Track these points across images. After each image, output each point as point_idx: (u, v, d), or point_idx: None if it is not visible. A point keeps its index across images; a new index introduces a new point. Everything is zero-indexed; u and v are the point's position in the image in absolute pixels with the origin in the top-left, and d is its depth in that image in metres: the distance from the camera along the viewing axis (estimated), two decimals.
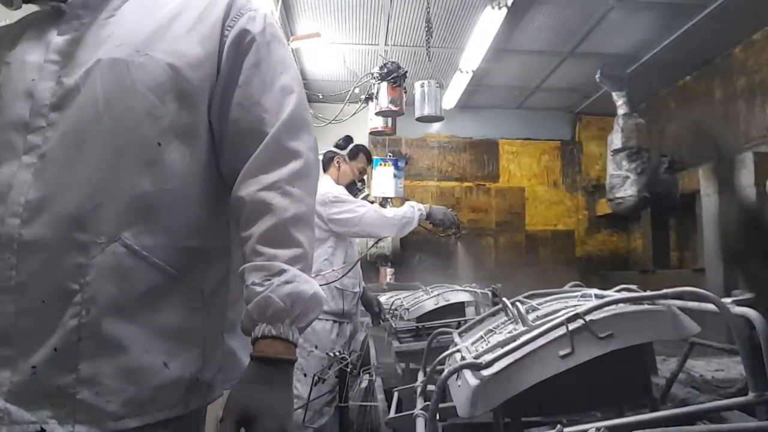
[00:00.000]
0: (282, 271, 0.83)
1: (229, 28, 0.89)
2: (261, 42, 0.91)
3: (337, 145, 3.07)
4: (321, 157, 3.15)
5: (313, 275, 0.88)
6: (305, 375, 2.63)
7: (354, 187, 3.04)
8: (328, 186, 2.92)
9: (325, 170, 3.09)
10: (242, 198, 0.87)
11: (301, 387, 2.61)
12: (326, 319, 2.75)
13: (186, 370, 0.84)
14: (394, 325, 2.53)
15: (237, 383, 0.82)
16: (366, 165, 3.09)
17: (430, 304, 2.53)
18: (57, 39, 0.83)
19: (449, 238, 3.11)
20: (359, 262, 2.96)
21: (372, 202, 4.78)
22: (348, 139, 3.09)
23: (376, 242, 3.06)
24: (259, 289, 0.82)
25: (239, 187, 0.88)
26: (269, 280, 0.82)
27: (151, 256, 0.81)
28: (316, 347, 2.68)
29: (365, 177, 3.16)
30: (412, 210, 2.79)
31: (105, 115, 0.79)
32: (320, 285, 0.83)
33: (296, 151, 0.90)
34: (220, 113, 0.89)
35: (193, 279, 0.86)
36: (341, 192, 2.86)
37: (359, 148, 3.06)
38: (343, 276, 2.74)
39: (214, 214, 0.90)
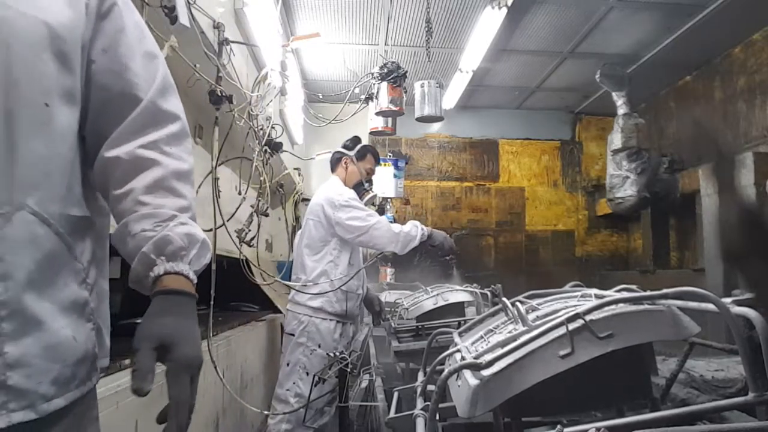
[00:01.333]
0: (173, 216, 0.84)
1: None
2: (122, 7, 0.90)
3: (344, 146, 3.06)
4: (329, 157, 3.15)
5: (317, 276, 0.88)
6: (308, 374, 2.63)
7: (361, 188, 3.03)
8: (337, 187, 2.91)
9: (333, 170, 3.07)
10: (117, 157, 0.85)
11: (303, 386, 2.62)
12: (330, 319, 2.75)
13: (88, 344, 0.82)
14: (393, 325, 2.53)
15: (145, 317, 0.80)
16: (374, 166, 3.08)
17: (429, 304, 2.53)
18: None
19: (444, 262, 3.09)
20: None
21: (377, 204, 4.79)
22: (356, 140, 3.08)
23: (380, 254, 3.06)
24: (151, 233, 0.82)
25: (112, 148, 0.86)
26: (160, 225, 0.83)
27: (57, 226, 0.77)
28: (319, 346, 2.68)
29: (373, 178, 3.15)
30: (416, 229, 2.78)
31: None
32: (327, 290, 0.83)
33: (173, 114, 0.92)
34: (87, 78, 0.85)
35: (77, 250, 0.82)
36: (352, 196, 2.84)
37: (367, 149, 3.05)
38: (349, 279, 2.74)
39: (84, 181, 0.87)
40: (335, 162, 3.06)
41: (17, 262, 0.71)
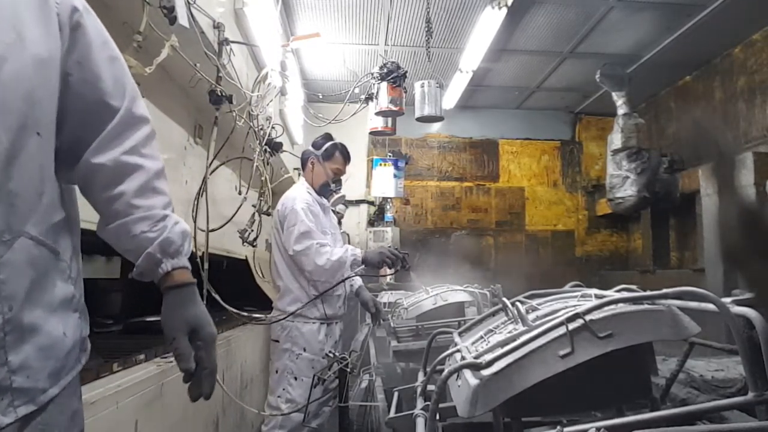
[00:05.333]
0: (165, 216, 0.99)
1: (57, 4, 0.87)
2: (84, 14, 0.93)
3: (313, 144, 2.91)
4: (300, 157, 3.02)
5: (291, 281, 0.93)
6: (296, 378, 2.61)
7: (328, 189, 2.90)
8: (296, 191, 2.77)
9: (302, 170, 2.96)
10: (102, 164, 0.94)
11: (293, 391, 2.59)
12: (312, 322, 2.69)
13: (77, 333, 0.92)
14: (393, 325, 2.53)
15: (166, 308, 0.98)
16: (343, 165, 2.91)
17: (429, 304, 2.53)
18: None
19: (399, 272, 2.88)
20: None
21: (346, 204, 4.67)
22: (326, 138, 2.92)
23: (360, 266, 2.68)
24: (152, 235, 0.97)
25: (95, 155, 0.94)
26: (157, 225, 0.98)
27: (48, 242, 0.85)
28: (305, 350, 2.64)
29: (341, 178, 2.98)
30: (346, 255, 2.60)
31: None
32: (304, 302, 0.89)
33: (143, 117, 1.02)
34: (63, 88, 0.90)
35: (62, 252, 0.90)
36: (303, 206, 2.66)
37: (335, 147, 2.86)
38: (319, 296, 2.62)
39: (58, 185, 0.92)
40: (304, 162, 2.92)
41: (18, 283, 0.79)
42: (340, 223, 4.71)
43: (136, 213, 0.96)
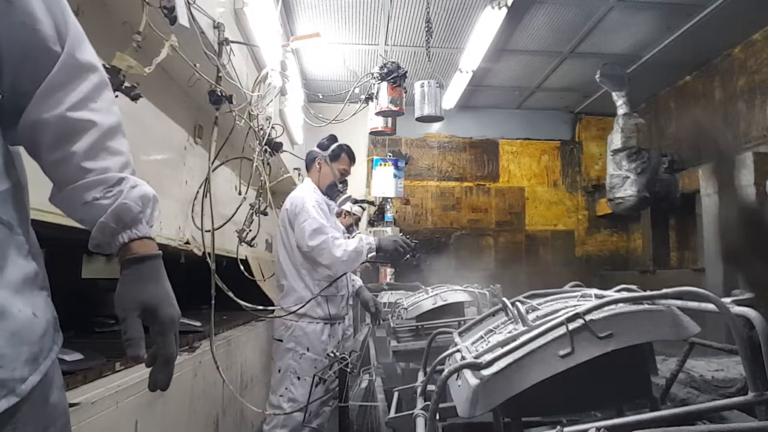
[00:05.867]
0: (121, 180, 0.86)
1: None
2: None
3: (319, 145, 2.95)
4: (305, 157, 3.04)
5: (295, 280, 0.86)
6: (299, 378, 2.61)
7: (335, 189, 2.92)
8: (303, 191, 2.80)
9: (307, 171, 2.99)
10: (46, 120, 0.83)
11: (295, 390, 2.60)
12: (316, 322, 2.70)
13: (47, 313, 0.82)
14: (392, 325, 2.53)
15: (121, 284, 0.85)
16: (348, 166, 2.96)
17: (428, 304, 2.53)
18: None
19: (408, 262, 2.91)
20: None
21: (357, 203, 4.71)
22: (332, 139, 2.96)
23: (364, 262, 2.73)
24: (105, 201, 0.84)
25: (37, 109, 0.83)
26: (111, 190, 0.85)
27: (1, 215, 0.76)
28: (308, 349, 2.64)
29: (347, 179, 3.01)
30: (362, 244, 2.63)
31: None
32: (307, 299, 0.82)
33: (91, 65, 0.89)
34: None
35: (15, 224, 0.80)
36: (313, 203, 2.70)
37: (342, 149, 2.92)
38: (328, 286, 2.65)
39: (3, 148, 0.83)
40: (309, 162, 2.96)
41: None
42: (357, 224, 4.71)
43: (87, 177, 0.84)
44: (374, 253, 2.66)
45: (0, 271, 0.75)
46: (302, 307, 2.57)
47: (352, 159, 2.98)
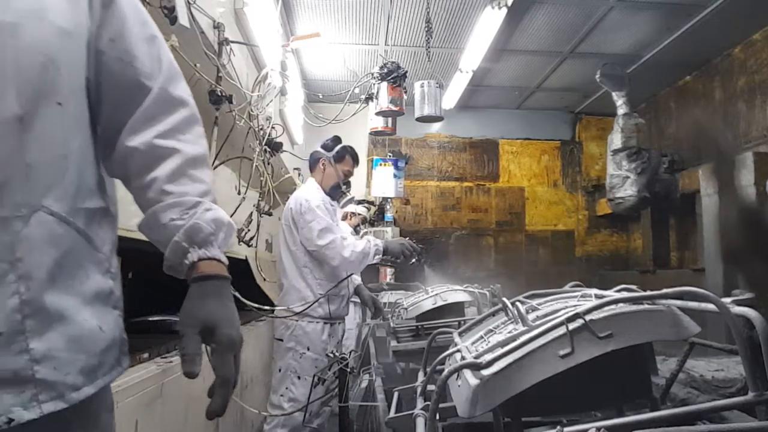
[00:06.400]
0: (198, 203, 0.89)
1: None
2: None
3: (323, 146, 2.96)
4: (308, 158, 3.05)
5: (297, 280, 0.88)
6: (299, 377, 2.61)
7: (338, 190, 2.94)
8: (308, 191, 2.81)
9: (311, 171, 2.99)
10: (135, 147, 0.88)
11: (296, 389, 2.60)
12: (316, 322, 2.70)
13: (115, 332, 0.85)
14: (392, 325, 2.53)
15: (186, 302, 0.85)
16: (352, 168, 2.98)
17: (428, 304, 2.53)
18: None
19: (413, 265, 2.94)
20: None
21: (359, 203, 4.72)
22: (336, 140, 2.98)
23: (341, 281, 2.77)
24: (180, 222, 0.86)
25: (128, 138, 0.88)
26: (187, 213, 0.87)
27: (77, 223, 0.79)
28: (309, 349, 2.64)
29: (350, 180, 3.04)
30: (369, 246, 2.67)
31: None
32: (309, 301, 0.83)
33: (182, 100, 0.95)
34: (98, 69, 0.86)
35: (98, 242, 0.84)
36: (318, 203, 2.71)
37: (346, 150, 2.94)
38: (332, 288, 2.67)
39: (98, 172, 0.88)
40: (313, 163, 2.97)
41: (37, 261, 0.73)
42: (364, 223, 4.72)
43: (166, 200, 0.87)
44: (380, 256, 2.68)
45: (72, 279, 0.77)
46: (309, 306, 2.58)
47: (355, 161, 2.99)
